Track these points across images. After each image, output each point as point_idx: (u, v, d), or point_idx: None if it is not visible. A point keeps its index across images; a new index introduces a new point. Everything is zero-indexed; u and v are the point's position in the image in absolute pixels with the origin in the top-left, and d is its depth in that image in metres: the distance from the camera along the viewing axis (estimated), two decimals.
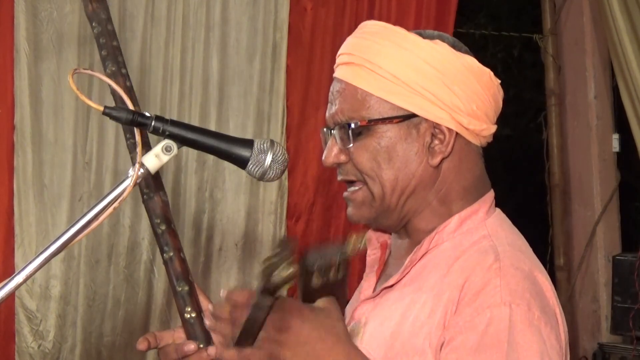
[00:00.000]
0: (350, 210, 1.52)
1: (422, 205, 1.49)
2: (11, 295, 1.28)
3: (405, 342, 1.40)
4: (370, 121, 1.45)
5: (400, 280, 1.48)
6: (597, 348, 4.72)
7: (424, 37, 1.49)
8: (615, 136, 4.90)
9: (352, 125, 1.46)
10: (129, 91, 1.66)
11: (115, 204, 1.34)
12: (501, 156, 6.22)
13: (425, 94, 1.44)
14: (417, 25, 4.35)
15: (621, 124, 4.80)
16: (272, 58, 4.22)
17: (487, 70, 1.50)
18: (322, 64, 4.22)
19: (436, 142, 1.47)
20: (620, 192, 4.93)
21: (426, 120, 1.46)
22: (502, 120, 1.56)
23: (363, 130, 1.46)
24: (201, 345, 1.55)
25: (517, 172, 6.59)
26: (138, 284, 3.96)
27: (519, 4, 6.42)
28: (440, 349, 1.35)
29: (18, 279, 1.26)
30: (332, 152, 1.50)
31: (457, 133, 1.47)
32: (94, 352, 3.87)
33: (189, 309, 1.56)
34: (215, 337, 1.54)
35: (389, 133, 1.46)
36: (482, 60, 1.50)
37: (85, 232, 1.32)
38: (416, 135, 1.46)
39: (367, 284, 1.57)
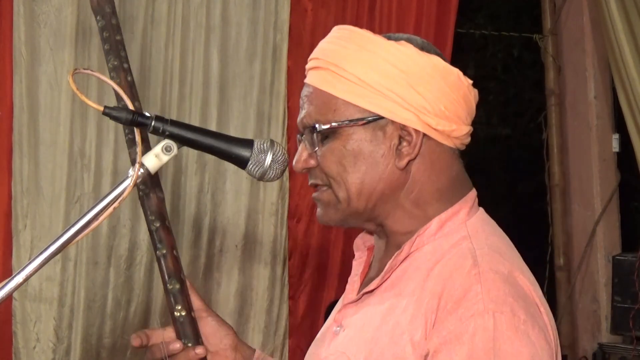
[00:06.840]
0: (318, 211, 1.51)
1: (393, 208, 1.47)
2: (9, 297, 1.27)
3: (385, 348, 1.37)
4: (335, 124, 1.44)
5: (380, 285, 1.46)
6: (597, 348, 4.72)
7: (390, 39, 1.46)
8: (615, 136, 4.89)
9: (318, 128, 1.44)
10: (131, 86, 1.66)
11: (115, 204, 1.33)
12: (501, 156, 6.20)
13: (391, 95, 1.42)
14: (418, 25, 4.35)
15: (621, 124, 4.79)
16: (272, 59, 4.21)
17: (456, 70, 1.47)
18: None
19: (404, 144, 1.44)
20: (620, 192, 4.93)
21: (392, 122, 1.43)
22: (502, 120, 1.55)
23: (330, 133, 1.44)
24: (189, 344, 1.54)
25: (517, 172, 6.57)
26: (138, 286, 3.96)
27: (519, 4, 6.43)
28: (425, 359, 1.33)
29: (18, 279, 1.26)
30: (301, 157, 1.48)
31: (424, 134, 1.44)
32: (94, 353, 3.87)
33: (179, 307, 1.55)
34: None
35: (355, 136, 1.44)
36: (482, 61, 1.49)
37: (85, 232, 1.31)
38: (383, 138, 1.44)
39: (351, 287, 1.55)
